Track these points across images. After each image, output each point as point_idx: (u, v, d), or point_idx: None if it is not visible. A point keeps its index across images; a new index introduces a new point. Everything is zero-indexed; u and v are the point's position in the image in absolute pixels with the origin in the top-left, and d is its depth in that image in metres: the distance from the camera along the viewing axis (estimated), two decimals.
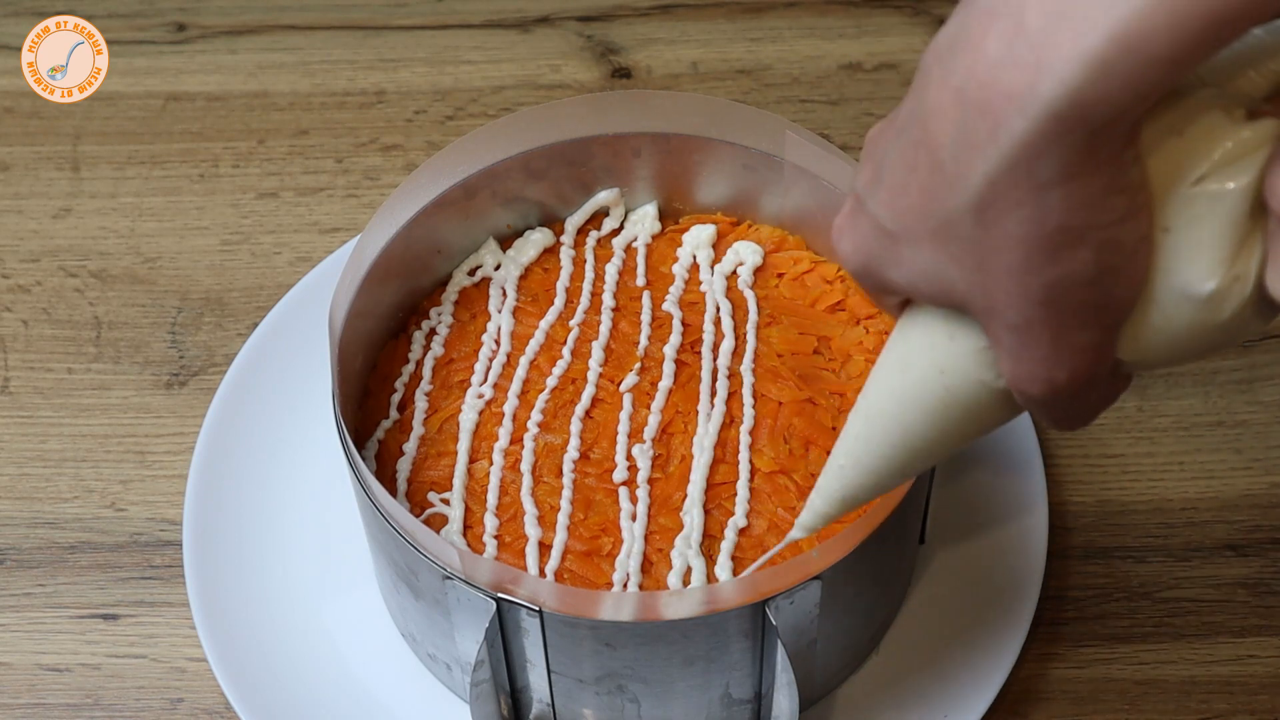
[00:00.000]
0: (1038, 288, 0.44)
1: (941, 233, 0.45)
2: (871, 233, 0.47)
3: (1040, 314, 0.44)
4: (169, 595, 0.76)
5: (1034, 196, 0.42)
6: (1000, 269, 0.44)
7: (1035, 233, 0.43)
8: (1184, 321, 0.45)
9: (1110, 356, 0.46)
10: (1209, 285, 0.44)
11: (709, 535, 0.68)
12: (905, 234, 0.46)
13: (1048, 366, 0.46)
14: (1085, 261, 0.43)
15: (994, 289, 0.45)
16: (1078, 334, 0.45)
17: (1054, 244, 0.43)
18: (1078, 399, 0.47)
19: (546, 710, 0.68)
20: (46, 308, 0.87)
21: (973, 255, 0.44)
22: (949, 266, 0.45)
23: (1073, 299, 0.44)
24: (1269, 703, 0.72)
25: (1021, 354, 0.46)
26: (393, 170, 0.92)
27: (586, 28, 0.99)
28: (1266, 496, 0.78)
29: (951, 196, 0.44)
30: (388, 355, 0.74)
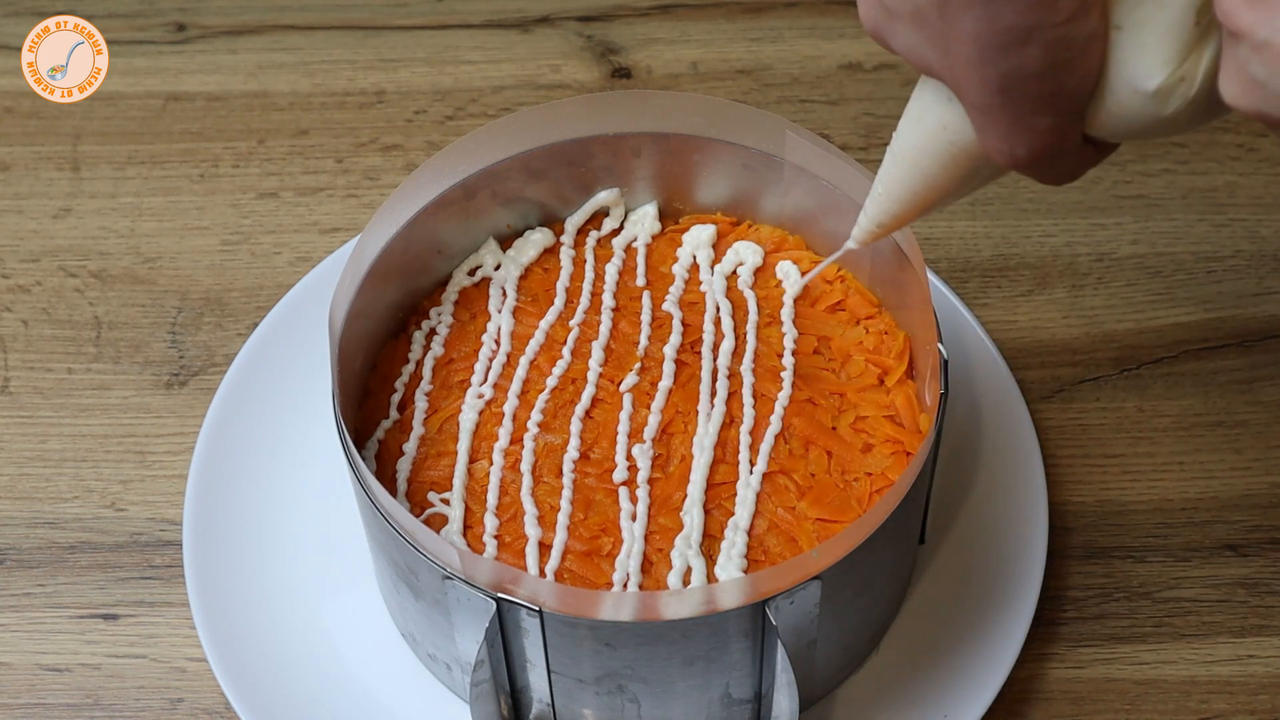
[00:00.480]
0: (993, 78, 0.49)
1: (916, 18, 0.51)
2: (876, 2, 0.53)
3: (997, 100, 0.50)
4: (169, 595, 0.76)
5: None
6: (960, 58, 0.50)
7: (986, 30, 0.48)
8: (1134, 110, 0.50)
9: (1073, 135, 0.51)
10: (1153, 82, 0.49)
11: (709, 535, 0.68)
12: (895, 11, 0.52)
13: (1010, 142, 0.52)
14: (1034, 57, 0.48)
15: (958, 74, 0.51)
16: (1033, 118, 0.50)
17: (1004, 41, 0.48)
18: (1048, 167, 0.53)
19: (546, 710, 0.68)
20: (46, 308, 0.87)
21: (940, 43, 0.50)
22: (925, 49, 0.51)
23: (1026, 89, 0.49)
24: (1269, 703, 0.72)
25: (986, 130, 0.52)
26: (393, 170, 0.92)
27: (586, 28, 0.99)
28: (1266, 496, 0.78)
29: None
30: (388, 355, 0.74)
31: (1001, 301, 0.86)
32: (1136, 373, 0.83)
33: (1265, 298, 0.85)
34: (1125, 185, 0.90)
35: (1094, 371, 0.83)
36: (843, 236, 0.74)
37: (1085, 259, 0.87)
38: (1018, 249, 0.88)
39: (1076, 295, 0.86)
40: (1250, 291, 0.86)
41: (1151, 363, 0.83)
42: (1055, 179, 0.54)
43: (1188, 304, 0.85)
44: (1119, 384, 0.83)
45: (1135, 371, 0.83)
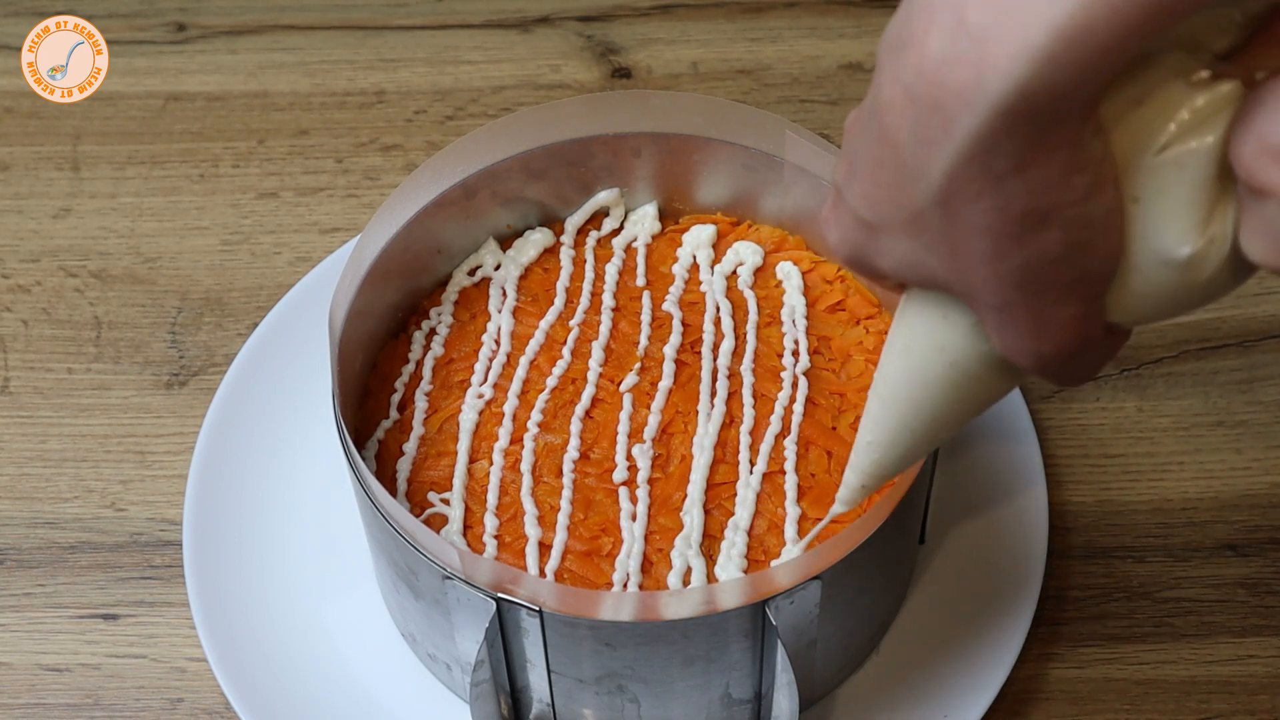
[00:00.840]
0: (1009, 272, 0.45)
1: (913, 225, 0.46)
2: (853, 223, 0.48)
3: (1017, 296, 0.45)
4: (169, 595, 0.76)
5: (993, 187, 0.42)
6: (972, 257, 0.45)
7: (999, 221, 0.43)
8: (1166, 285, 0.46)
9: (1097, 323, 0.47)
10: (1184, 251, 0.45)
11: (709, 535, 0.68)
12: (882, 225, 0.47)
13: (1034, 341, 0.47)
14: (1053, 241, 0.44)
15: (969, 275, 0.46)
16: (1057, 309, 0.46)
17: (1019, 229, 0.43)
18: (1071, 364, 0.48)
19: (546, 710, 0.68)
20: (46, 308, 0.87)
21: (945, 245, 0.45)
22: (926, 255, 0.46)
23: (1046, 278, 0.45)
24: (1269, 703, 0.72)
25: (1006, 331, 0.47)
26: (393, 170, 0.92)
27: (586, 28, 0.99)
28: (1266, 496, 0.78)
29: (916, 191, 0.44)
30: (388, 355, 0.74)
31: None
32: (1136, 373, 0.83)
33: (1265, 298, 0.85)
34: None
35: None
36: None
37: None
38: None
39: None
40: (1250, 291, 0.86)
41: (1151, 363, 0.83)
42: (1077, 377, 0.50)
43: None
44: (1119, 384, 0.83)
45: (1135, 371, 0.83)
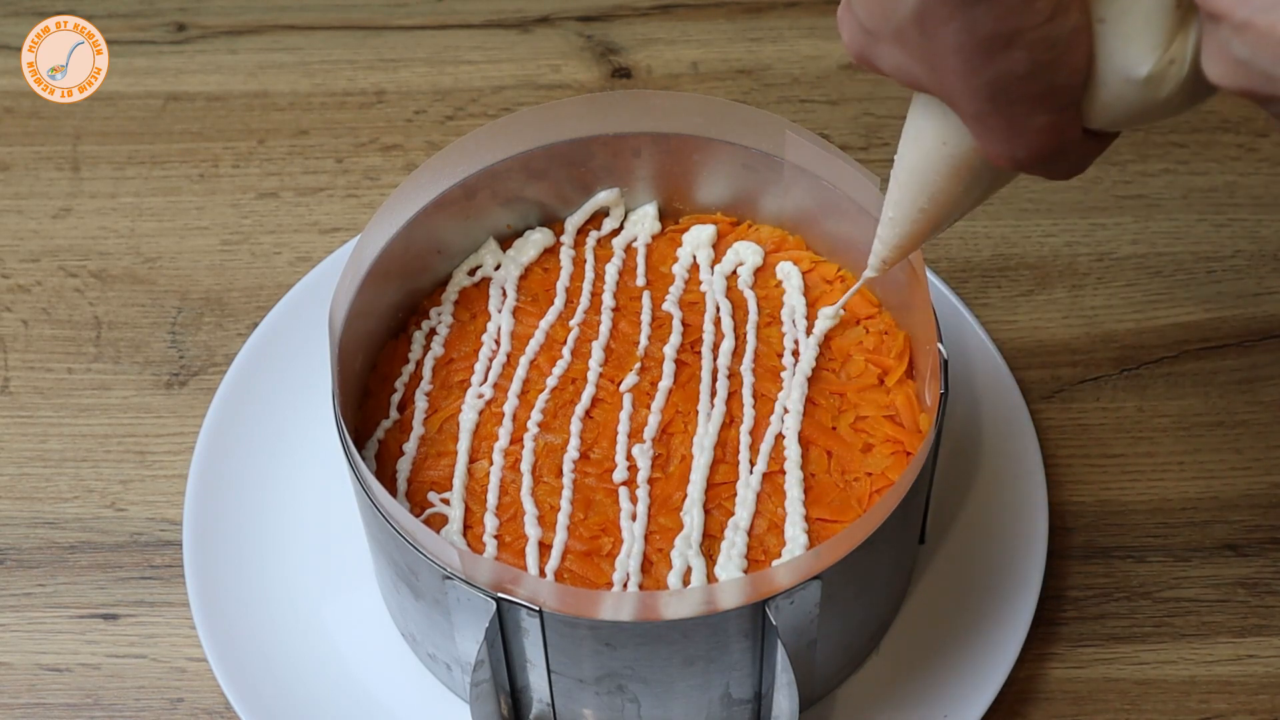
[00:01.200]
0: (981, 85, 0.50)
1: (898, 37, 0.51)
2: (857, 27, 0.53)
3: (990, 106, 0.50)
4: (169, 595, 0.76)
5: (960, 10, 0.47)
6: (947, 71, 0.50)
7: (969, 40, 0.48)
8: (1130, 99, 0.50)
9: (1072, 130, 0.52)
10: (1144, 69, 0.49)
11: (709, 535, 0.68)
12: (877, 33, 0.52)
13: (1010, 146, 0.52)
14: (1020, 60, 0.48)
15: (948, 86, 0.51)
16: (1029, 118, 0.51)
17: (988, 48, 0.48)
18: (1052, 164, 0.53)
19: (546, 710, 0.68)
20: (46, 308, 0.87)
21: (925, 58, 0.50)
22: (912, 65, 0.52)
23: (1016, 91, 0.50)
24: (1269, 703, 0.72)
25: (985, 136, 0.52)
26: (393, 170, 0.92)
27: (586, 28, 0.99)
28: (1266, 496, 0.78)
29: (897, 8, 0.50)
30: (388, 355, 0.74)
31: (1001, 301, 0.86)
32: (1136, 373, 0.83)
33: (1265, 298, 0.85)
34: (1125, 185, 0.90)
35: (1094, 371, 0.83)
36: (843, 237, 0.74)
37: (1085, 259, 0.87)
38: (1018, 249, 0.88)
39: (1076, 295, 0.86)
40: (1250, 291, 0.86)
41: (1151, 363, 0.83)
42: (1062, 174, 0.55)
43: (1188, 304, 0.85)
44: (1119, 384, 0.83)
45: (1135, 371, 0.83)
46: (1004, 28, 0.47)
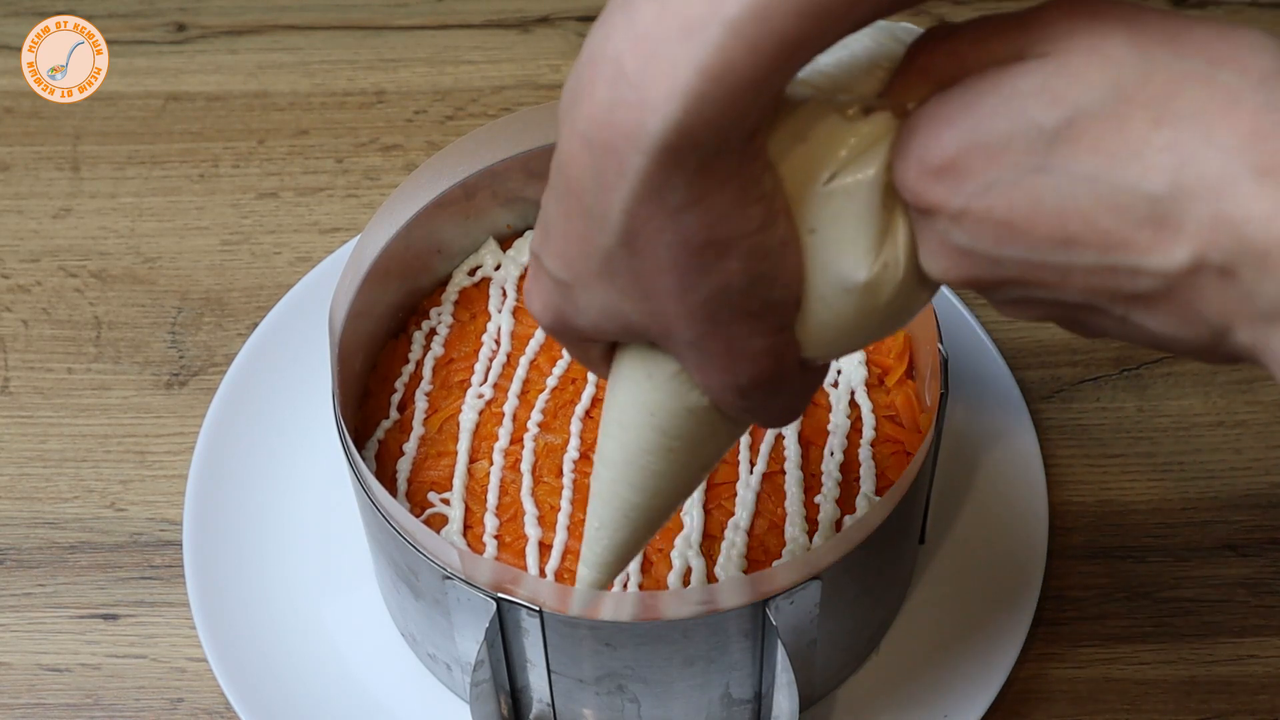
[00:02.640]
0: (698, 304, 0.46)
1: (604, 270, 0.47)
2: (551, 286, 0.50)
3: (708, 328, 0.47)
4: (169, 595, 0.76)
5: (671, 221, 0.44)
6: (661, 293, 0.47)
7: (681, 254, 0.45)
8: (849, 311, 0.48)
9: (790, 355, 0.49)
10: (861, 275, 0.47)
11: (709, 535, 0.68)
12: (576, 280, 0.48)
13: (731, 374, 0.49)
14: (735, 272, 0.46)
15: (661, 313, 0.47)
16: (748, 340, 0.48)
17: (701, 260, 0.45)
18: (772, 398, 0.50)
19: (546, 710, 0.68)
20: (46, 308, 0.87)
21: (636, 285, 0.47)
22: (620, 300, 0.48)
23: (734, 308, 0.47)
24: (1269, 703, 0.72)
25: (703, 367, 0.49)
26: (393, 170, 0.92)
27: (586, 28, 0.99)
28: (1266, 496, 0.78)
29: (601, 235, 0.46)
30: (388, 355, 0.74)
31: None
32: (1136, 373, 0.83)
33: None
34: None
35: (1094, 371, 0.83)
36: None
37: None
38: None
39: None
40: None
41: (1151, 363, 0.83)
42: (780, 415, 0.52)
43: None
44: (1119, 384, 0.83)
45: (1135, 371, 0.83)
46: (717, 235, 0.45)
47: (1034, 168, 0.42)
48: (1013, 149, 0.42)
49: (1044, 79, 0.42)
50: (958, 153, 0.43)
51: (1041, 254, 0.43)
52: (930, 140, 0.44)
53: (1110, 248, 0.42)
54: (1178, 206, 0.41)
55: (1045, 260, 0.43)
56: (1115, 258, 0.42)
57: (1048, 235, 0.43)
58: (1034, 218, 0.43)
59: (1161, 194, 0.41)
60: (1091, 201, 0.42)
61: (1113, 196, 0.42)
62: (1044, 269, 0.44)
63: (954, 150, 0.43)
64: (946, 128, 0.44)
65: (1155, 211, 0.41)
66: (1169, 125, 0.41)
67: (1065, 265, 0.43)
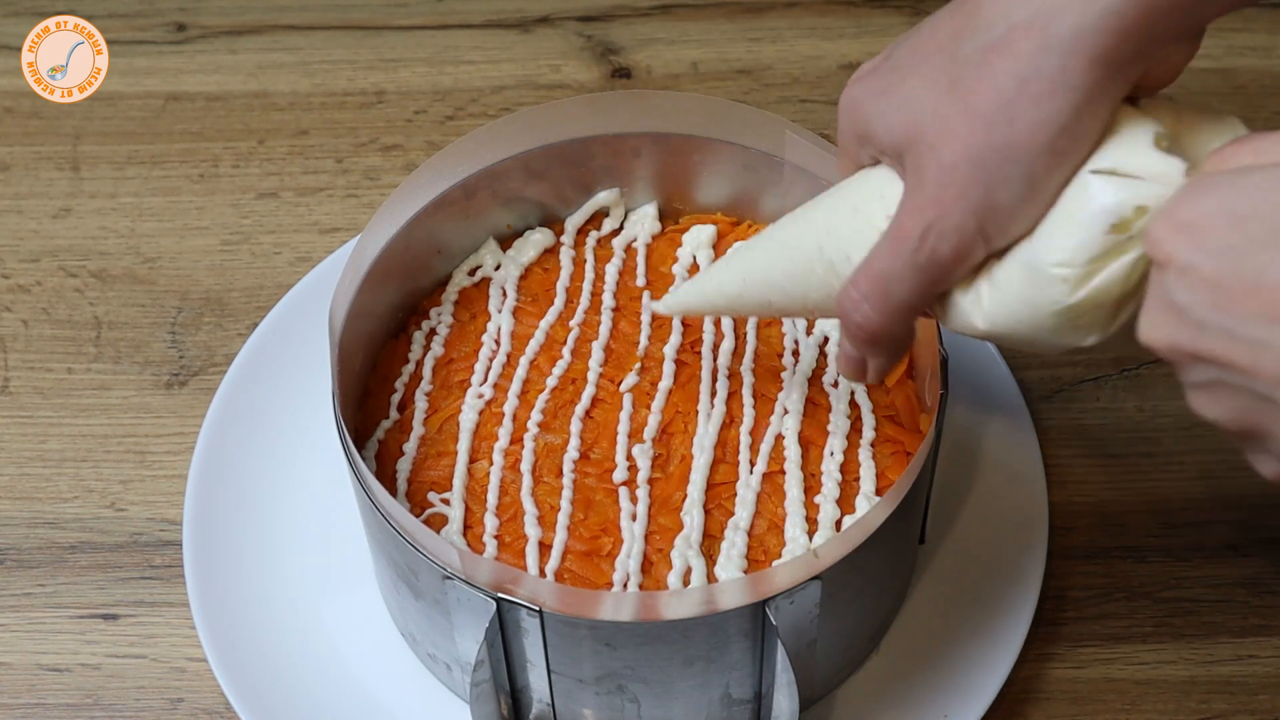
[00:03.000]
0: (983, 140, 0.51)
1: (946, 60, 0.53)
2: (884, 72, 0.55)
3: (965, 170, 0.52)
4: (169, 595, 0.76)
5: (1035, 53, 0.50)
6: (968, 106, 0.51)
7: (1015, 88, 0.50)
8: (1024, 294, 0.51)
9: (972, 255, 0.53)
10: (1053, 261, 0.50)
11: (709, 535, 0.68)
12: (912, 65, 0.54)
13: (941, 214, 0.53)
14: (1031, 136, 0.50)
15: (956, 124, 0.52)
16: (983, 198, 0.52)
17: (1014, 111, 0.50)
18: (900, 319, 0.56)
19: (546, 710, 0.68)
20: (46, 308, 0.87)
21: (958, 84, 0.52)
22: (926, 94, 0.53)
23: (999, 168, 0.51)
24: (1269, 703, 0.72)
25: (930, 189, 0.53)
26: (393, 170, 0.92)
27: (586, 28, 0.99)
28: (1266, 496, 0.78)
29: (975, 35, 0.52)
30: (388, 355, 0.74)
31: None
32: (1136, 373, 0.83)
33: None
34: None
35: (1094, 371, 0.83)
36: None
37: None
38: None
39: None
40: None
41: (1151, 363, 0.83)
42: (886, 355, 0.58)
43: None
44: (1119, 384, 0.82)
45: (1135, 371, 0.83)
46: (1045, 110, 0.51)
47: (1267, 243, 0.45)
48: (1254, 221, 0.45)
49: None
50: (1205, 213, 0.46)
51: (1245, 327, 0.45)
52: (1189, 199, 0.47)
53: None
54: None
55: (1246, 334, 0.45)
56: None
57: (1258, 310, 0.45)
58: (1251, 290, 0.45)
59: None
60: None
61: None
62: (1241, 345, 0.46)
63: (1204, 211, 0.46)
64: (1207, 190, 0.47)
65: None
66: None
67: (1263, 342, 0.45)
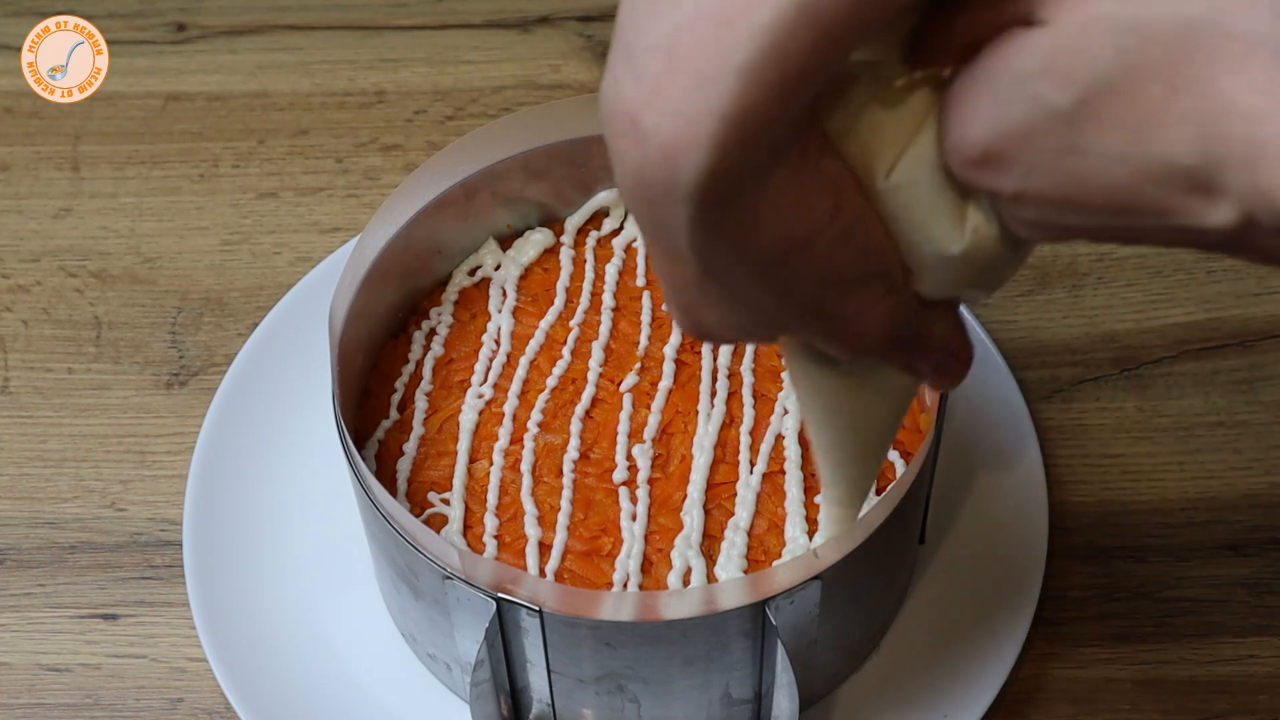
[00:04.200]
0: (800, 304, 0.46)
1: (706, 298, 0.47)
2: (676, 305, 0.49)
3: (820, 319, 0.47)
4: (169, 595, 0.76)
5: (739, 248, 0.44)
6: (762, 305, 0.46)
7: (765, 269, 0.45)
8: (958, 273, 0.47)
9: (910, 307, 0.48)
10: (956, 249, 0.46)
11: (709, 535, 0.68)
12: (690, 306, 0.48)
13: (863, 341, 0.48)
14: (824, 263, 0.45)
15: (772, 319, 0.47)
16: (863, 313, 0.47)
17: (786, 267, 0.45)
18: (919, 352, 0.50)
19: (546, 710, 0.68)
20: (46, 308, 0.87)
21: (738, 304, 0.47)
22: (734, 316, 0.48)
23: (838, 291, 0.46)
24: (1269, 703, 0.72)
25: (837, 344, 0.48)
26: (393, 170, 0.92)
27: (586, 28, 0.99)
28: (1266, 496, 0.78)
29: (688, 270, 0.46)
30: (388, 355, 0.74)
31: (1001, 301, 0.86)
32: (1136, 373, 0.83)
33: (1265, 298, 0.85)
34: None
35: (1094, 371, 0.83)
36: None
37: (1085, 259, 0.87)
38: None
39: (1076, 295, 0.86)
40: (1250, 291, 0.86)
41: (1151, 363, 0.83)
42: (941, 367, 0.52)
43: (1188, 304, 0.85)
44: (1119, 384, 0.83)
45: (1135, 371, 0.83)
46: (792, 240, 0.44)
47: (1064, 149, 0.42)
48: (1038, 134, 0.42)
49: (1048, 56, 0.41)
50: (991, 143, 0.43)
51: (1105, 220, 0.43)
52: (962, 132, 0.43)
53: (1165, 213, 0.42)
54: (1214, 176, 0.40)
55: (1111, 224, 0.43)
56: (1173, 220, 0.42)
57: (1103, 207, 0.42)
58: (1084, 194, 0.42)
59: (1194, 165, 0.40)
60: (1129, 177, 0.42)
61: (1148, 170, 0.41)
62: (1114, 230, 0.44)
63: (986, 142, 0.43)
64: (974, 120, 0.43)
65: (1195, 180, 0.41)
66: (1184, 91, 0.40)
67: (1132, 226, 0.43)
